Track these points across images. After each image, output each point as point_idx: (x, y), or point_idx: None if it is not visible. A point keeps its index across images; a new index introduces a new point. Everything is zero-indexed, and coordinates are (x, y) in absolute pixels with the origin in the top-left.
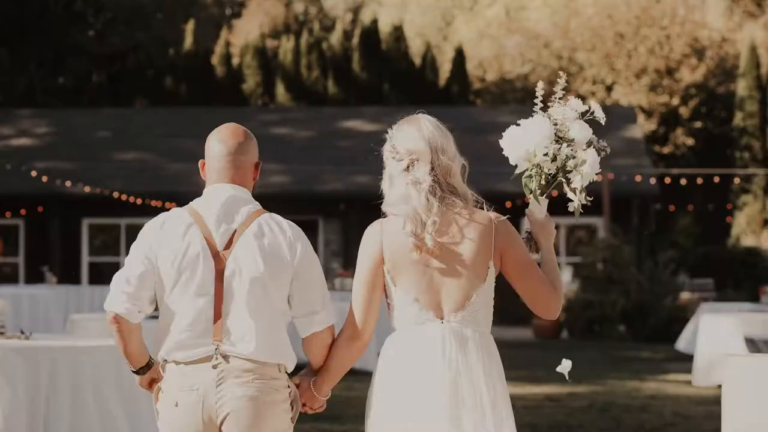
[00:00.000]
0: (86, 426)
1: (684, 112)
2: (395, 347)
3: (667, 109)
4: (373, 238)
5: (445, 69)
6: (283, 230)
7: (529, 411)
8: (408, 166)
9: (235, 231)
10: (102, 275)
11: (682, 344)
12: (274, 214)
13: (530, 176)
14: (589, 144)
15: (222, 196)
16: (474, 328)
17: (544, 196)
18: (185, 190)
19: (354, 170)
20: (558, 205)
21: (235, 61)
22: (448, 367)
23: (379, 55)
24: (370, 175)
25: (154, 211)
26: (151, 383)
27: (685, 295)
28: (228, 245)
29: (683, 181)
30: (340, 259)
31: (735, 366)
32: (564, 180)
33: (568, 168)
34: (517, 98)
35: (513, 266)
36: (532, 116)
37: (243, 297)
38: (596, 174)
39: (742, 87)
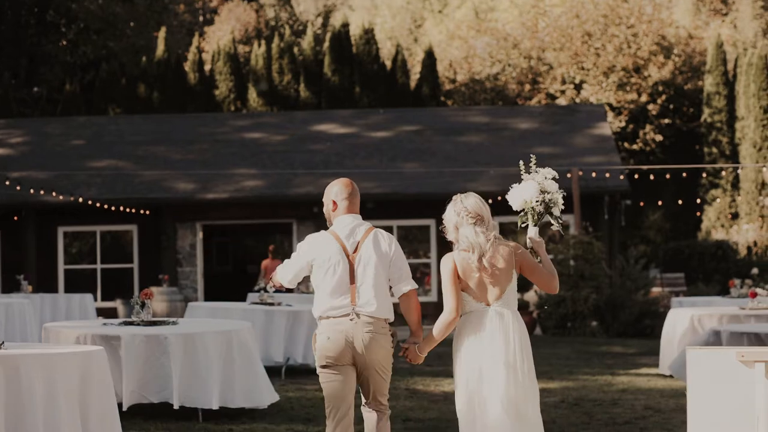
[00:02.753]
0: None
1: (652, 109)
2: (466, 322)
3: (635, 106)
4: (450, 262)
5: (415, 71)
6: (384, 238)
7: None
8: (475, 222)
9: (359, 242)
10: (78, 283)
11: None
12: (378, 229)
13: (525, 214)
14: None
15: (348, 223)
16: (507, 308)
17: (536, 225)
18: (159, 197)
19: (327, 173)
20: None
21: (207, 67)
22: (491, 330)
23: (350, 59)
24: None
25: (129, 218)
26: None
27: (656, 290)
28: (355, 250)
29: (652, 177)
30: None
31: (698, 358)
32: (549, 214)
33: (550, 206)
34: (487, 98)
35: (526, 268)
36: (523, 181)
37: (366, 279)
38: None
39: (709, 83)
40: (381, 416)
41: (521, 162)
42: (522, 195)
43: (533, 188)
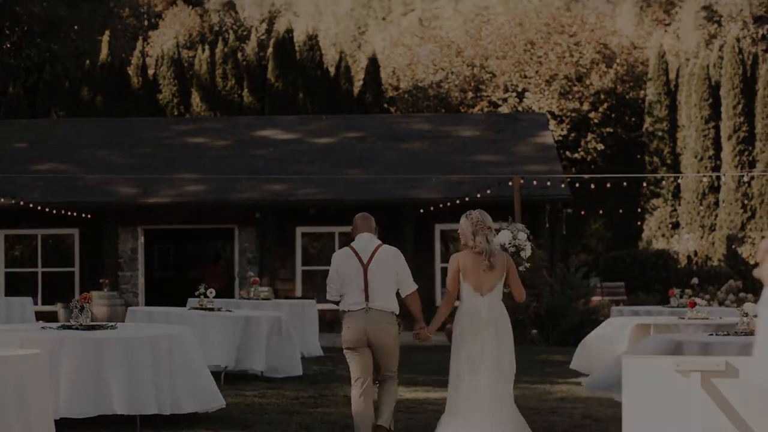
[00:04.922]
0: None
1: (594, 117)
2: (464, 307)
3: (577, 114)
4: (455, 261)
5: (359, 77)
6: (391, 252)
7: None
8: (487, 233)
9: (371, 254)
10: (19, 286)
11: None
12: (386, 245)
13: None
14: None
15: (363, 238)
16: (497, 299)
17: None
18: (101, 200)
19: (269, 179)
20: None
21: (151, 71)
22: (485, 314)
23: (294, 65)
24: (285, 184)
25: (71, 222)
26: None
27: (596, 299)
28: (369, 261)
29: (593, 186)
30: (256, 267)
31: (634, 367)
32: (518, 255)
33: (520, 248)
34: (430, 106)
35: (511, 274)
36: (502, 230)
37: (376, 282)
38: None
39: (651, 93)
40: (388, 379)
41: (502, 222)
42: (499, 239)
43: (507, 235)
